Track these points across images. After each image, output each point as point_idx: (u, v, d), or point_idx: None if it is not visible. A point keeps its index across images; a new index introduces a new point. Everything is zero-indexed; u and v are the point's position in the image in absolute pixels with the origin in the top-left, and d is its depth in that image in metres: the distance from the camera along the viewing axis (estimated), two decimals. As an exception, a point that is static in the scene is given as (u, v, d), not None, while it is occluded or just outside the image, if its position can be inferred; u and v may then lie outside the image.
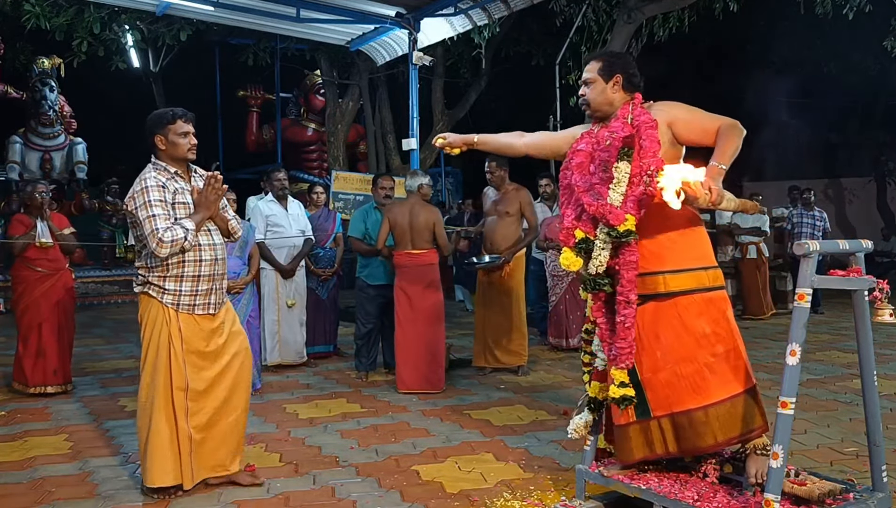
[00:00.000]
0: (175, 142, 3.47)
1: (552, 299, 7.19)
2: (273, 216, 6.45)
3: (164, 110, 3.55)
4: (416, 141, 6.84)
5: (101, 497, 3.51)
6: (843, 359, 6.60)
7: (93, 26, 9.18)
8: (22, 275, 5.69)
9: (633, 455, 3.04)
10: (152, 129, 3.49)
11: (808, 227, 9.48)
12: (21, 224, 5.68)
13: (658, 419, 2.98)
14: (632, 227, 2.87)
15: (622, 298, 2.94)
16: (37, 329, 5.64)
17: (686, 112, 3.02)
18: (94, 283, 12.43)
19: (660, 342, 2.97)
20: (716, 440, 2.90)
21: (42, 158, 12.44)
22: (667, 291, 2.95)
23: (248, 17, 7.10)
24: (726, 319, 2.96)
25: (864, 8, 8.95)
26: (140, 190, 3.40)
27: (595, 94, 3.13)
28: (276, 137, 13.50)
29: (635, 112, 3.02)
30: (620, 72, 3.11)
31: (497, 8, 6.67)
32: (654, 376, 2.99)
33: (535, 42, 11.69)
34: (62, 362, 5.72)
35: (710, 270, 3.00)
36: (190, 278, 3.44)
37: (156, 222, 3.32)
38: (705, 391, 2.91)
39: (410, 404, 5.27)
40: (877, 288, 2.67)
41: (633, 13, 8.38)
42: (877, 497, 2.83)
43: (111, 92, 15.06)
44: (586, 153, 3.09)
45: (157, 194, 3.39)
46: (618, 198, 2.91)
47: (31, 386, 5.61)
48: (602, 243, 2.94)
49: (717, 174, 2.82)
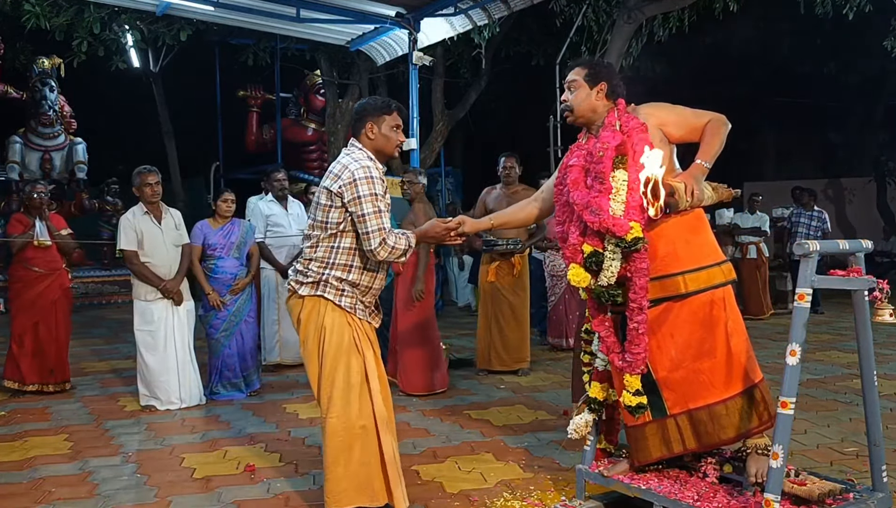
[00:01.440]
0: (387, 135, 3.13)
1: (552, 299, 7.19)
2: (273, 216, 6.45)
3: (384, 98, 3.24)
4: (416, 141, 6.84)
5: (101, 497, 3.52)
6: (843, 359, 6.60)
7: (93, 26, 9.18)
8: (19, 275, 5.70)
9: (651, 454, 3.02)
10: (365, 113, 3.14)
11: (808, 227, 9.49)
12: (20, 223, 5.70)
13: (675, 416, 2.97)
14: (639, 233, 2.84)
15: (635, 304, 2.91)
16: (33, 329, 5.66)
17: (673, 113, 3.04)
18: (94, 283, 12.44)
19: (674, 341, 2.96)
20: (737, 432, 2.91)
21: (42, 158, 12.44)
22: (687, 291, 2.94)
23: (248, 17, 7.10)
24: (736, 311, 2.98)
25: (865, 8, 8.94)
26: (365, 178, 3.00)
27: (579, 99, 3.10)
28: (276, 137, 13.50)
29: (623, 118, 3.02)
30: (605, 79, 3.09)
31: (497, 8, 6.67)
32: (670, 374, 2.97)
33: (535, 42, 11.69)
34: (59, 361, 5.73)
35: (724, 264, 3.01)
36: (363, 287, 3.14)
37: (383, 220, 3.00)
38: (724, 384, 2.91)
39: (410, 404, 5.27)
40: (877, 288, 2.67)
41: (633, 13, 8.38)
42: (877, 497, 2.83)
43: (111, 92, 15.06)
44: (580, 168, 3.06)
45: (381, 188, 3.06)
46: (619, 208, 2.88)
47: (27, 385, 5.62)
48: (612, 254, 2.92)
49: (701, 173, 2.87)
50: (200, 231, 5.54)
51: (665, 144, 2.99)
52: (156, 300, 5.20)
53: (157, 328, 5.21)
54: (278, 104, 13.57)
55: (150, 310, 5.21)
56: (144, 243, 5.18)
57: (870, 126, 16.48)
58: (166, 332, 5.23)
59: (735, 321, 2.95)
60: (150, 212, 5.24)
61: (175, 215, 5.40)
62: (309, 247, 3.13)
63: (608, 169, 2.94)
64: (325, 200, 3.06)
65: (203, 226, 5.57)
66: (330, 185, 3.04)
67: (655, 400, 2.99)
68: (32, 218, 5.69)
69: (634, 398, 2.95)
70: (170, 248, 5.25)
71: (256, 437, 4.47)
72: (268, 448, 4.26)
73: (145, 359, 5.22)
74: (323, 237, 3.08)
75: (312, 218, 3.14)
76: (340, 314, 3.07)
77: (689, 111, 3.04)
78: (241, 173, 14.62)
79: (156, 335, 5.21)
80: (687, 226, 2.99)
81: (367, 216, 2.97)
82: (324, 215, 3.07)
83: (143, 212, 5.23)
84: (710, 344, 2.93)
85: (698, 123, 2.98)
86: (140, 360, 5.25)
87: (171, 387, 5.21)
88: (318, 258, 3.08)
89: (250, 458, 4.05)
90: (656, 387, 2.99)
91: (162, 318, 5.22)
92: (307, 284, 3.08)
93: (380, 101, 3.20)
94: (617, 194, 2.91)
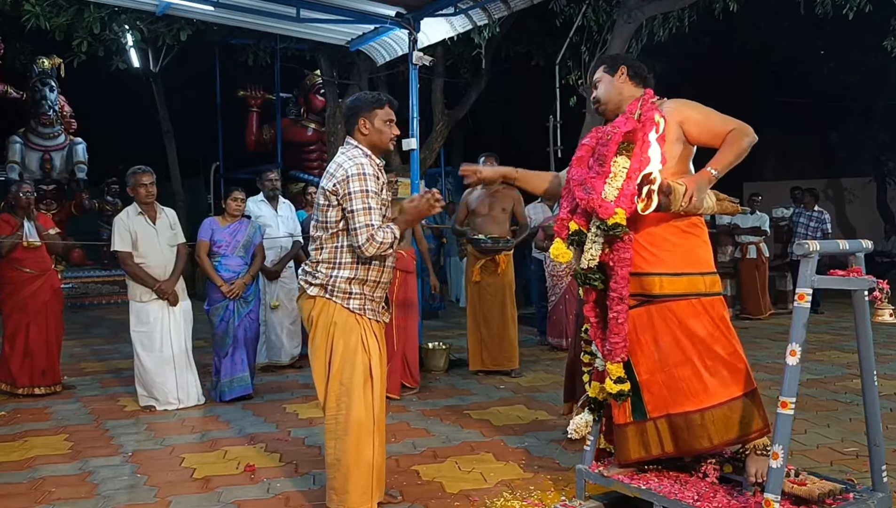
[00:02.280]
0: (381, 129, 3.16)
1: (551, 298, 7.19)
2: (262, 218, 6.43)
3: (374, 93, 3.27)
4: (416, 141, 6.83)
5: (101, 497, 3.52)
6: (843, 359, 6.60)
7: (93, 26, 9.16)
8: (9, 276, 5.65)
9: (630, 455, 3.06)
10: (357, 109, 3.17)
11: (808, 227, 9.49)
12: (7, 224, 5.63)
13: (654, 420, 3.00)
14: (621, 221, 2.86)
15: (615, 294, 2.96)
16: (24, 330, 5.63)
17: (699, 113, 2.99)
18: (94, 283, 12.43)
19: (658, 345, 2.98)
20: (711, 443, 2.92)
21: (42, 158, 12.44)
22: (661, 293, 2.95)
23: (248, 17, 7.08)
24: (724, 323, 2.96)
25: (864, 8, 8.93)
26: (357, 175, 3.03)
27: (604, 89, 3.17)
28: (276, 137, 13.49)
29: (644, 107, 3.02)
30: (623, 63, 3.16)
31: (497, 8, 6.65)
32: (651, 377, 3.00)
33: (535, 42, 11.67)
34: (50, 363, 5.71)
35: (707, 275, 2.99)
36: (372, 282, 3.15)
37: (372, 216, 3.01)
38: (703, 393, 2.91)
39: (410, 404, 5.27)
40: (877, 288, 2.67)
41: (633, 13, 8.36)
42: (877, 497, 2.84)
43: (111, 92, 15.04)
44: (588, 147, 3.11)
45: (374, 184, 3.06)
46: (612, 192, 2.91)
47: (19, 387, 5.60)
48: (593, 237, 2.96)
49: (707, 181, 2.82)
50: (209, 227, 5.59)
51: (680, 143, 2.98)
52: (151, 301, 5.18)
53: (152, 328, 5.20)
54: (278, 104, 13.55)
55: (145, 311, 5.20)
56: (139, 243, 5.16)
57: (870, 126, 16.46)
58: (162, 333, 5.22)
59: (719, 331, 2.93)
60: (145, 212, 5.22)
61: (170, 215, 5.38)
62: (314, 249, 3.16)
63: (611, 153, 2.96)
64: (323, 200, 3.10)
65: (212, 222, 5.63)
66: (326, 184, 3.09)
67: (637, 402, 3.02)
68: (20, 218, 5.63)
69: (616, 385, 3.00)
70: (164, 248, 5.24)
71: (256, 437, 4.47)
72: (268, 448, 4.26)
73: (142, 360, 5.21)
74: (326, 238, 3.11)
75: (315, 220, 3.17)
76: (349, 315, 3.10)
77: (717, 116, 2.97)
78: (241, 173, 14.58)
79: (152, 335, 5.20)
80: (677, 230, 2.98)
81: (355, 212, 3.01)
82: (323, 215, 3.11)
83: (138, 212, 5.22)
84: (689, 352, 2.93)
85: (721, 130, 2.91)
86: (137, 361, 5.25)
87: (168, 387, 5.21)
88: (324, 260, 3.11)
89: (250, 458, 4.06)
90: (638, 389, 3.01)
91: (158, 318, 5.21)
92: (316, 285, 3.12)
93: (371, 95, 3.24)
94: (614, 179, 2.94)
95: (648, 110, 2.99)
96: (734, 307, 9.36)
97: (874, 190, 16.29)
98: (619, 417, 3.07)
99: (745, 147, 2.85)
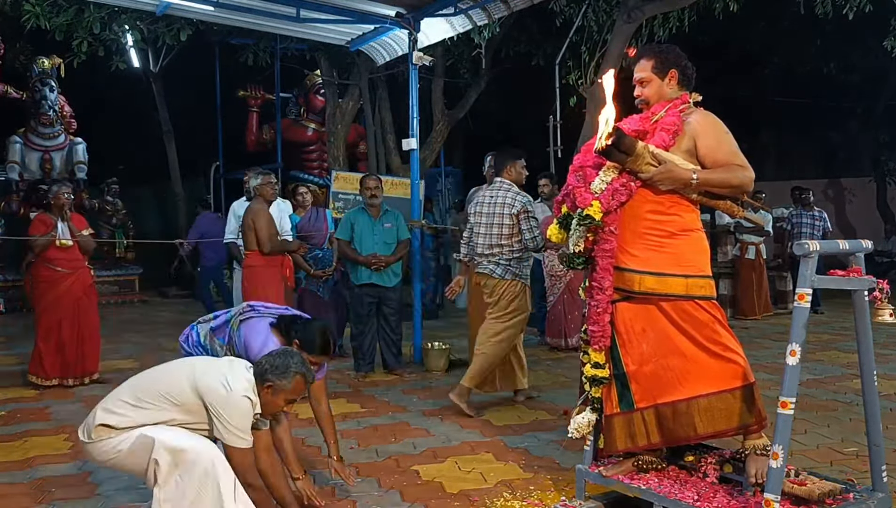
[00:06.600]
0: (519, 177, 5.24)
1: (550, 299, 7.19)
2: None
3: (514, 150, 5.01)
4: (416, 141, 6.84)
5: (101, 497, 3.52)
6: (843, 359, 6.60)
7: (93, 26, 9.16)
8: (43, 275, 5.88)
9: (616, 445, 3.08)
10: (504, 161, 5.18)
11: (808, 227, 9.48)
12: (43, 224, 5.85)
13: (642, 410, 3.01)
14: (594, 214, 2.90)
15: (595, 284, 3.00)
16: (57, 327, 5.85)
17: (713, 138, 2.95)
18: (95, 283, 12.39)
19: (646, 336, 2.99)
20: (696, 432, 2.93)
21: (42, 158, 12.41)
22: (641, 290, 2.96)
23: (248, 17, 7.09)
24: (717, 320, 2.95)
25: (864, 8, 8.93)
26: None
27: (652, 92, 3.11)
28: (276, 137, 13.48)
29: (667, 113, 3.00)
30: (675, 66, 3.08)
31: (497, 8, 6.65)
32: (639, 368, 3.01)
33: (535, 42, 11.66)
34: (80, 356, 5.93)
35: (699, 278, 2.97)
36: None
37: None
38: (691, 383, 2.92)
39: (410, 404, 5.27)
40: (877, 288, 2.67)
41: (633, 13, 8.36)
42: (877, 497, 2.84)
43: (111, 92, 15.04)
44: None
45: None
46: (600, 185, 2.93)
47: (49, 379, 5.81)
48: (577, 223, 2.98)
49: (682, 180, 2.86)
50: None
51: (689, 155, 2.96)
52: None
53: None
54: (278, 104, 13.55)
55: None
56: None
57: (870, 126, 16.46)
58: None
59: (710, 329, 2.92)
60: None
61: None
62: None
63: None
64: (510, 221, 4.80)
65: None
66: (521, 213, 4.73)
67: (624, 392, 3.03)
68: (55, 218, 5.84)
69: (592, 369, 3.06)
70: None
71: (256, 437, 4.46)
72: (268, 448, 4.25)
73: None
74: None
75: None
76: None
77: (728, 148, 2.94)
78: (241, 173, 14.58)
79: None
80: (668, 233, 2.98)
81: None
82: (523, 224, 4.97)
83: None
84: (679, 344, 2.94)
85: (724, 160, 2.91)
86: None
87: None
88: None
89: (250, 458, 4.04)
90: (626, 380, 3.02)
91: None
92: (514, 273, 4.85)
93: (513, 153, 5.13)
94: (606, 172, 2.95)
95: (668, 116, 2.98)
96: (733, 308, 9.35)
97: (874, 190, 16.30)
98: (606, 408, 3.09)
99: (735, 183, 2.90)
